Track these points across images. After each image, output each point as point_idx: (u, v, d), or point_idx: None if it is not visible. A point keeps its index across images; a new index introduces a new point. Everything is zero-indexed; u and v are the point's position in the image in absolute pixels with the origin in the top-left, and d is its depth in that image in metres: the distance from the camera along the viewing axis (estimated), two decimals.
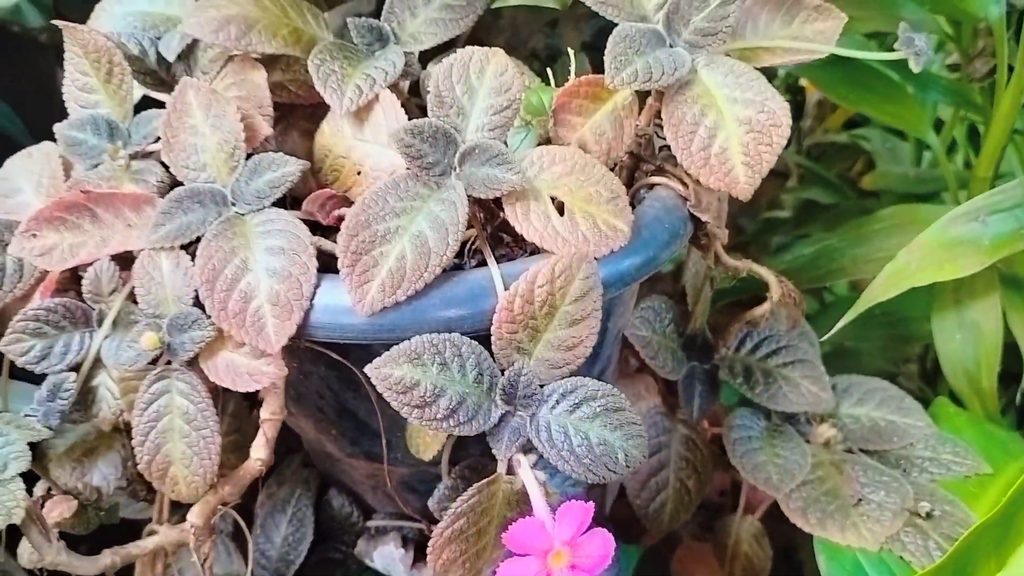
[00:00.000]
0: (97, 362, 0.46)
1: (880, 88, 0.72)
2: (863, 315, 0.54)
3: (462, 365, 0.40)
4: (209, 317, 0.42)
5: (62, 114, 0.51)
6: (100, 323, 0.46)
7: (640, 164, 0.51)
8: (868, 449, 0.56)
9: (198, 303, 0.43)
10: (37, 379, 0.46)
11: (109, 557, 0.46)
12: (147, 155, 0.50)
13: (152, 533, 0.48)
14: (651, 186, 0.50)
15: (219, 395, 0.46)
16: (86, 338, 0.46)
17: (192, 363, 0.43)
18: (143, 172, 0.48)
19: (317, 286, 0.42)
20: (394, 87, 0.49)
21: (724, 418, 0.59)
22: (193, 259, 0.43)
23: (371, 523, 0.55)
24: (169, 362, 0.44)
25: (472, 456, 0.49)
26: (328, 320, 0.42)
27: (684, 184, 0.49)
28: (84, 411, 0.47)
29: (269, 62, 0.51)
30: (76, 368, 0.46)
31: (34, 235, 0.44)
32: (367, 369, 0.39)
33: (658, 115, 0.48)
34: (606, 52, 0.45)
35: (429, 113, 0.45)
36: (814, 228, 0.89)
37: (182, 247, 0.44)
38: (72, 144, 0.50)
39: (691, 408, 0.57)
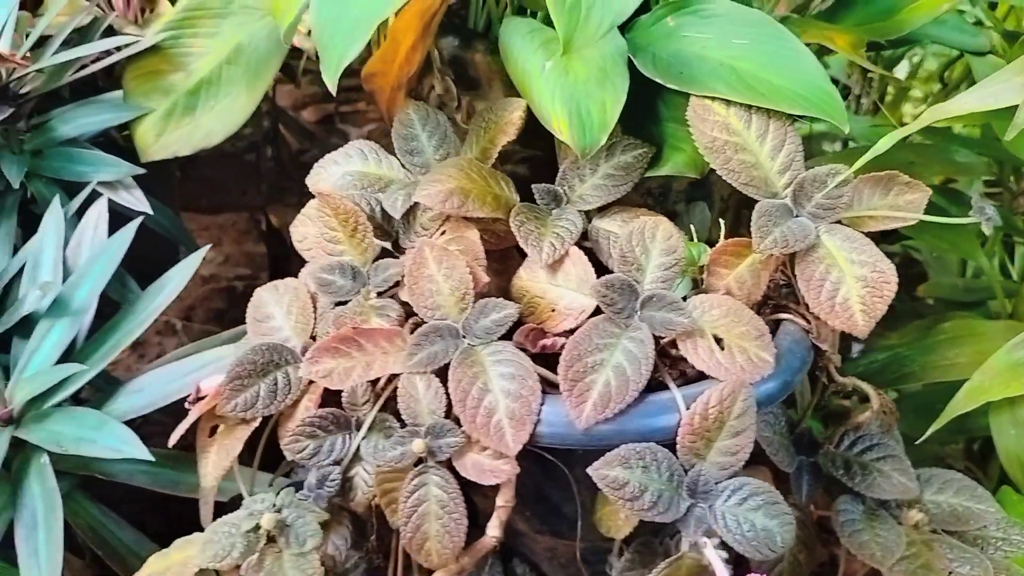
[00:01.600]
0: (355, 458, 0.59)
1: (943, 226, 0.86)
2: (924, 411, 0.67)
3: (658, 467, 0.53)
4: (460, 427, 0.56)
5: None
6: (358, 428, 0.59)
7: (767, 302, 0.65)
8: (949, 530, 0.68)
9: (447, 415, 0.56)
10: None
11: None
12: (383, 294, 0.64)
13: None
14: (777, 321, 0.63)
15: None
16: (347, 439, 0.59)
17: (445, 462, 0.56)
18: (386, 308, 0.62)
19: (542, 404, 0.55)
20: None
21: (821, 503, 0.71)
22: (441, 381, 0.57)
23: None
24: (423, 460, 0.57)
25: (642, 535, 0.61)
26: (551, 431, 0.55)
27: (806, 319, 0.62)
28: (342, 496, 0.60)
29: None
30: (338, 463, 0.59)
31: (317, 361, 0.58)
32: (590, 470, 0.52)
33: (783, 266, 0.62)
34: (752, 222, 0.59)
35: (614, 269, 0.59)
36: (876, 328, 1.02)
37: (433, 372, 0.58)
38: (323, 284, 0.64)
39: (800, 494, 0.70)
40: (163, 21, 0.89)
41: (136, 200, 0.86)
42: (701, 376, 0.58)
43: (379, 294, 0.63)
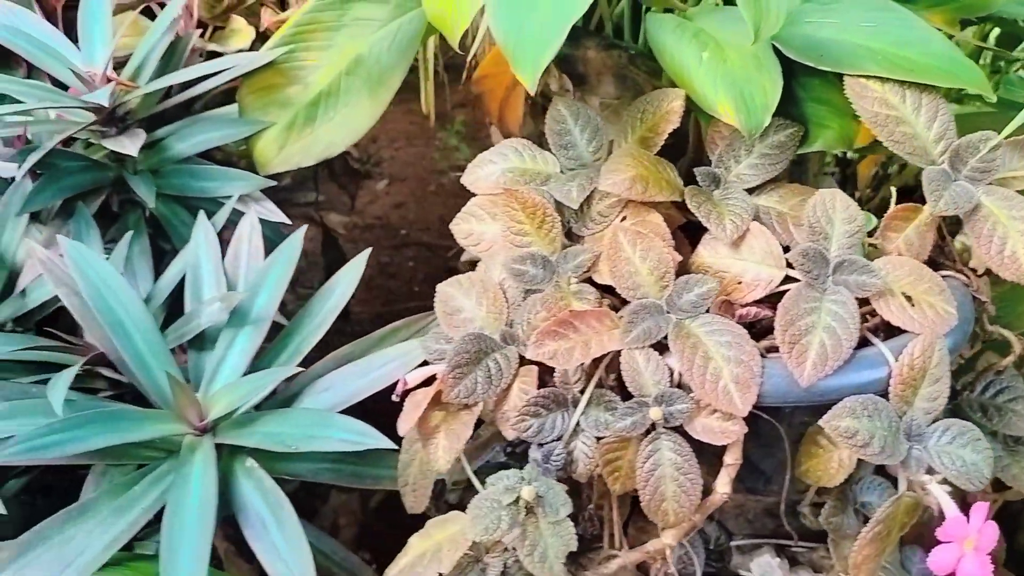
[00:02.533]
0: (574, 432, 0.63)
1: None
2: None
3: (880, 415, 0.58)
4: (688, 393, 0.60)
5: None
6: (575, 404, 0.63)
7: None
8: None
9: (671, 385, 0.61)
10: None
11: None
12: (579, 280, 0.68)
13: (611, 558, 0.64)
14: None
15: None
16: (565, 416, 0.63)
17: (676, 427, 0.60)
18: (583, 292, 0.66)
19: (762, 367, 0.60)
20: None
21: None
22: (660, 353, 0.61)
23: (735, 542, 0.72)
24: (653, 427, 0.61)
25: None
26: (773, 391, 0.60)
27: (964, 275, 0.68)
28: (563, 470, 0.64)
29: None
30: (559, 438, 0.63)
31: (541, 344, 0.62)
32: (822, 422, 0.57)
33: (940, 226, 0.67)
34: (924, 188, 0.65)
35: (804, 240, 0.64)
36: None
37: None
38: (517, 274, 0.68)
39: None
40: (276, 37, 0.92)
41: (268, 212, 0.88)
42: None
43: (577, 281, 0.67)
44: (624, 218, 0.69)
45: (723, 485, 0.61)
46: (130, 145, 0.82)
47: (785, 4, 0.63)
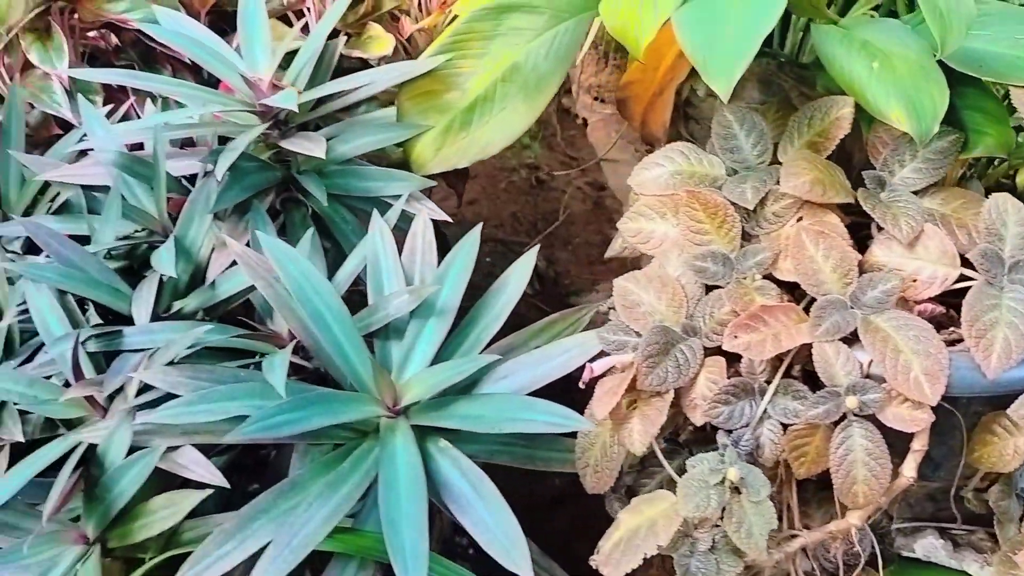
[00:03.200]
0: (761, 419, 0.68)
1: None
2: None
3: None
4: (880, 383, 0.64)
5: None
6: (761, 393, 0.68)
7: None
8: None
9: (862, 376, 0.65)
10: None
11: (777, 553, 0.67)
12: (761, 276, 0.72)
13: (793, 537, 0.69)
14: None
15: None
16: (753, 404, 0.68)
17: (867, 415, 0.65)
18: (765, 288, 0.71)
19: (949, 359, 0.64)
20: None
21: None
22: (848, 345, 0.65)
23: (896, 525, 0.76)
24: (844, 416, 0.65)
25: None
26: (959, 381, 0.64)
27: None
28: (751, 455, 0.68)
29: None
30: (747, 425, 0.68)
31: (736, 336, 0.66)
32: (1011, 410, 0.61)
33: None
34: None
35: (980, 241, 0.68)
36: None
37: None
38: (699, 270, 0.72)
39: None
40: (434, 46, 0.97)
41: (429, 209, 0.93)
42: None
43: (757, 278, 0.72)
44: (800, 218, 0.73)
45: (909, 470, 0.65)
46: (314, 147, 0.87)
47: (965, 19, 0.67)
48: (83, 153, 1.03)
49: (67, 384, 0.81)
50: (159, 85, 0.97)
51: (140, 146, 1.00)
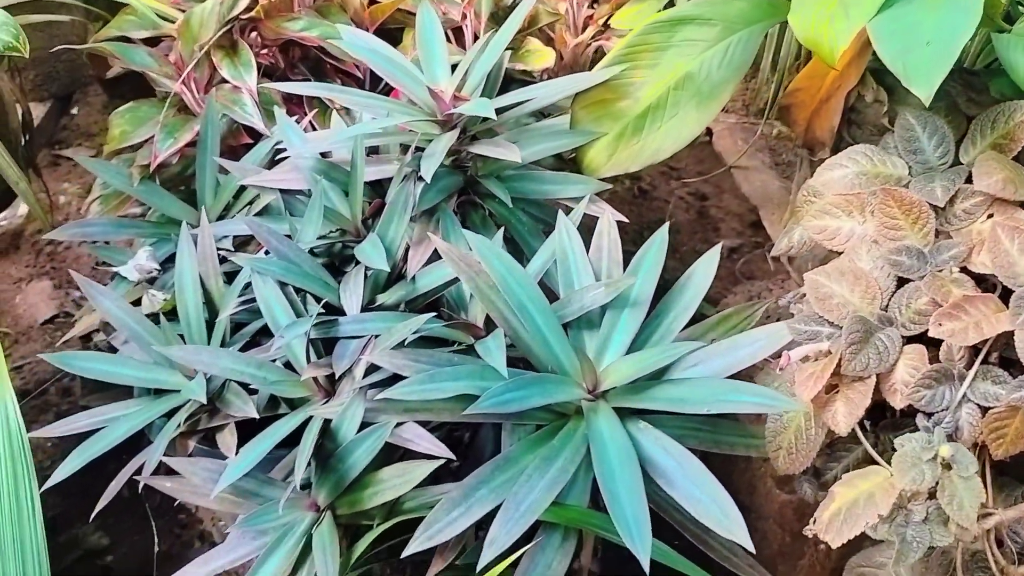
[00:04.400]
0: (960, 403, 0.72)
1: None
2: None
3: None
4: None
5: None
6: (960, 379, 0.72)
7: None
8: None
9: None
10: None
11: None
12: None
13: (989, 515, 0.72)
14: None
15: None
16: (952, 388, 0.72)
17: None
18: (961, 280, 0.75)
19: None
20: None
21: None
22: None
23: None
24: None
25: None
26: None
27: None
28: (950, 437, 0.72)
29: None
30: (946, 408, 0.72)
31: (940, 324, 0.71)
32: None
33: None
34: None
35: None
36: None
37: None
38: (895, 264, 0.77)
39: None
40: (608, 57, 1.03)
41: (600, 210, 0.99)
42: None
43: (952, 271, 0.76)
44: (991, 215, 0.77)
45: None
46: (507, 152, 0.94)
47: None
48: (274, 160, 1.12)
49: (287, 366, 0.89)
50: (354, 98, 1.05)
51: (326, 154, 1.08)
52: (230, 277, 1.02)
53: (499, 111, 1.07)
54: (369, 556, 0.83)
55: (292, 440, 0.88)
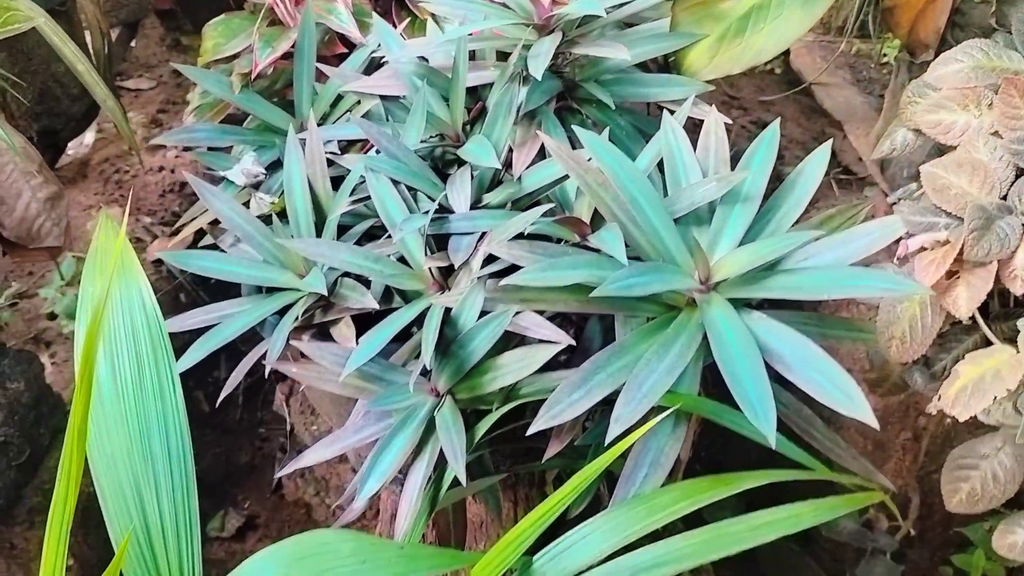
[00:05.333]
0: None
1: None
2: None
3: None
4: None
5: None
6: None
7: None
8: None
9: None
10: None
11: None
12: None
13: None
14: None
15: None
16: None
17: None
18: None
19: None
20: None
21: None
22: None
23: None
24: None
25: None
26: None
27: None
28: None
29: None
30: None
31: None
32: None
33: None
34: None
35: None
36: None
37: None
38: (1016, 153, 0.77)
39: None
40: None
41: (704, 112, 1.00)
42: None
43: None
44: None
45: None
46: (615, 51, 0.94)
47: None
48: (371, 69, 1.13)
49: (401, 261, 0.92)
50: (447, 3, 1.05)
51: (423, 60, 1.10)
52: (335, 183, 1.04)
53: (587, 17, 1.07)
54: (486, 440, 0.86)
55: (401, 337, 0.92)
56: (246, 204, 1.06)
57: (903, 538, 1.24)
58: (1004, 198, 0.77)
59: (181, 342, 0.91)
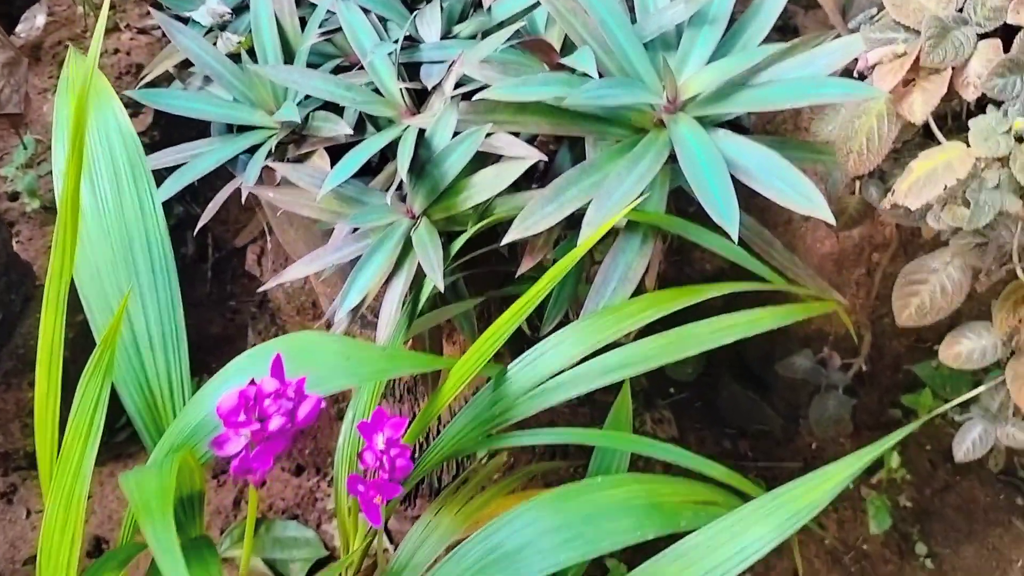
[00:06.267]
0: None
1: None
2: None
3: None
4: None
5: None
6: None
7: None
8: None
9: None
10: None
11: None
12: None
13: None
14: None
15: None
16: (1021, 80, 0.76)
17: None
18: None
19: None
20: None
21: None
22: None
23: None
24: None
25: None
26: None
27: None
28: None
29: None
30: (1017, 96, 0.76)
31: (1018, 12, 0.74)
32: None
33: None
34: None
35: None
36: None
37: None
38: None
39: None
40: None
41: None
42: None
43: None
44: None
45: None
46: None
47: None
48: None
49: (376, 91, 0.93)
50: None
51: None
52: (302, 24, 1.03)
53: None
54: (461, 266, 0.89)
55: (375, 171, 0.94)
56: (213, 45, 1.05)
57: (855, 376, 1.31)
58: (960, 10, 0.80)
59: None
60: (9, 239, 1.46)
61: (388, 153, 0.91)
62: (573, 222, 0.84)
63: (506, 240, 0.80)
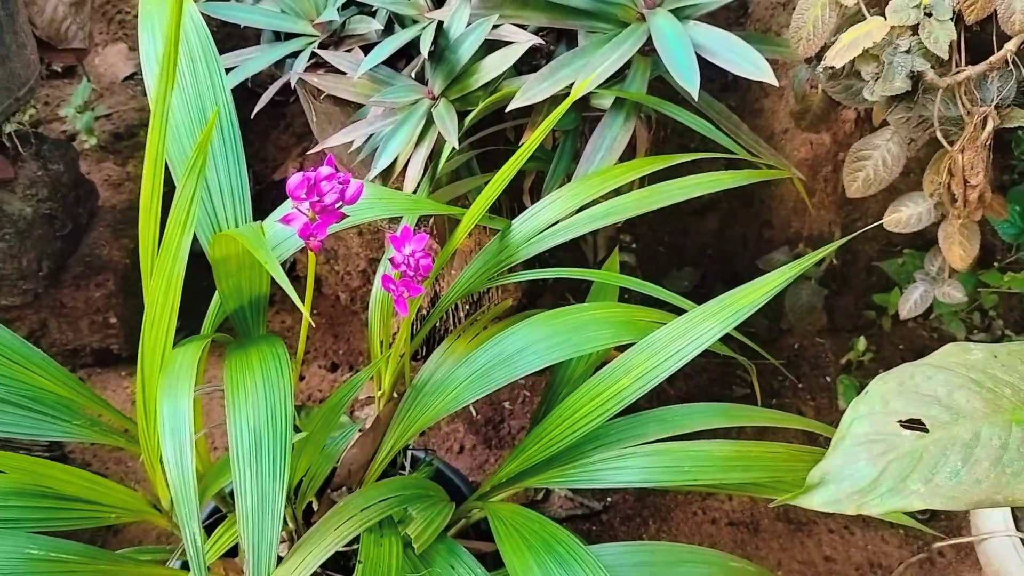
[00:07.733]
0: None
1: None
2: None
3: None
4: None
5: None
6: None
7: None
8: None
9: None
10: None
11: None
12: None
13: (959, 72, 0.94)
14: None
15: None
16: None
17: None
18: None
19: None
20: None
21: None
22: None
23: None
24: None
25: None
26: None
27: None
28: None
29: None
30: None
31: None
32: None
33: None
34: None
35: None
36: None
37: None
38: None
39: None
40: None
41: None
42: None
43: None
44: None
45: None
46: None
47: None
48: None
49: None
50: None
51: None
52: None
53: None
54: (472, 144, 1.07)
55: (402, 67, 1.11)
56: None
57: (829, 271, 1.47)
58: None
59: None
60: (77, 158, 1.64)
61: (414, 51, 1.09)
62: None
63: (511, 107, 0.97)
